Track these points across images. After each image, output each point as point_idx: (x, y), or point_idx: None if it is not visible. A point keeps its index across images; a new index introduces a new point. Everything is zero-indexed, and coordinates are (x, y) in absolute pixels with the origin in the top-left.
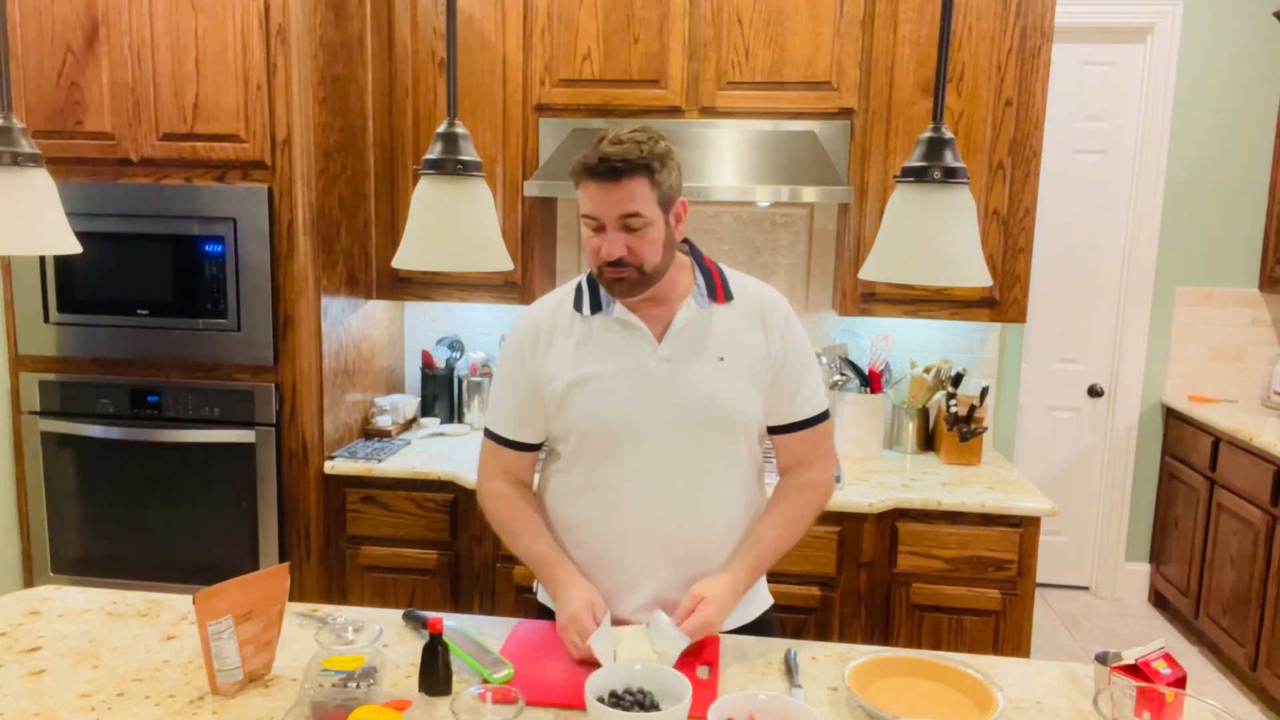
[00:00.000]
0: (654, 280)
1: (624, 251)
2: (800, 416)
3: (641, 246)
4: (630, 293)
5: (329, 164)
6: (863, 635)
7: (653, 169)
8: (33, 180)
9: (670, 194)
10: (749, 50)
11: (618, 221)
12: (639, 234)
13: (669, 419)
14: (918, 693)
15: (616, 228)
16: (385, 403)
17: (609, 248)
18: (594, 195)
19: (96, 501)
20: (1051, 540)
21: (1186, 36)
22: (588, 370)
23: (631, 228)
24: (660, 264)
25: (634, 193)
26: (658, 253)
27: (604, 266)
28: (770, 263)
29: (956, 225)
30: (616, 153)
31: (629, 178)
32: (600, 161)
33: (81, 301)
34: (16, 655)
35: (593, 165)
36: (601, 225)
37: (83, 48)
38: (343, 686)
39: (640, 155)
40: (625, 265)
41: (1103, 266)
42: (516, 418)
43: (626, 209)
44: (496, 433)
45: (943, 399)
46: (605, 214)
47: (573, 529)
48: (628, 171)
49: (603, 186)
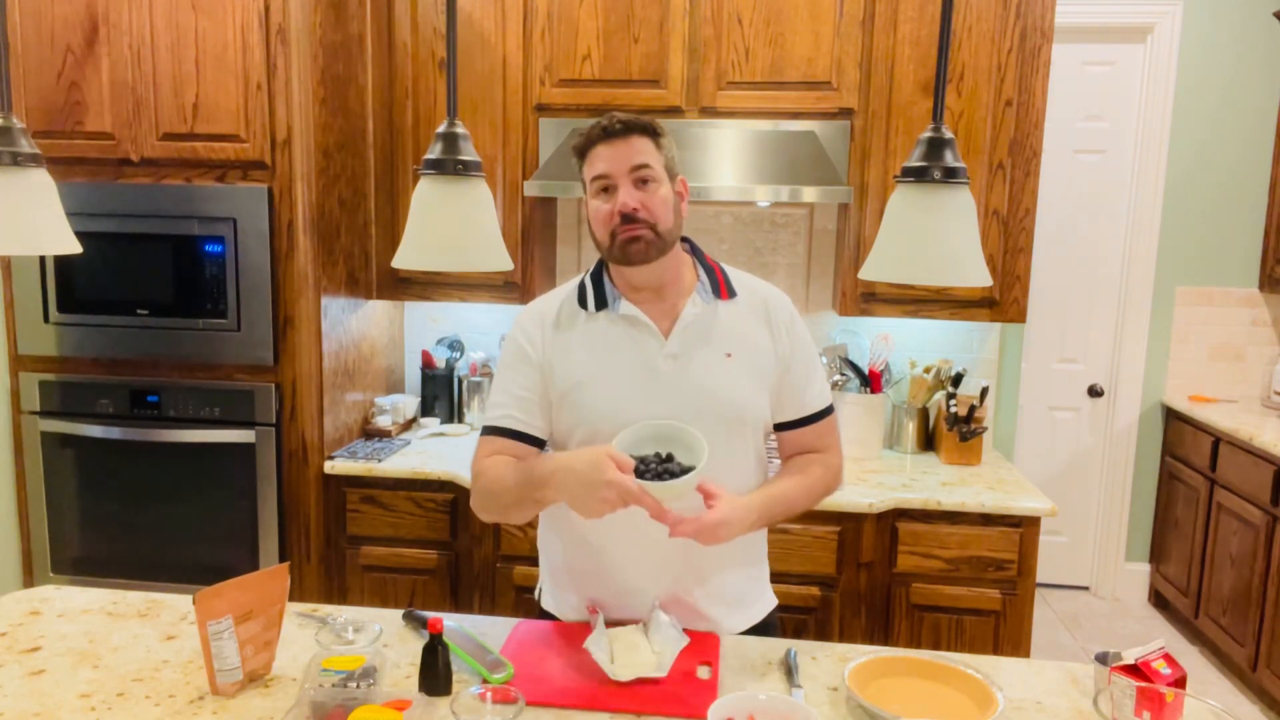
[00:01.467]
0: (667, 246)
1: (638, 204)
2: (809, 412)
3: (653, 203)
4: (645, 255)
5: (329, 164)
6: (863, 635)
7: (656, 131)
8: (33, 180)
9: (672, 164)
10: (749, 50)
11: (629, 176)
12: (650, 190)
13: (678, 417)
14: (918, 693)
15: (628, 182)
16: (385, 403)
17: (624, 197)
18: (604, 155)
19: (96, 501)
20: (1051, 540)
21: (1186, 36)
22: (594, 368)
23: (644, 180)
24: (672, 229)
25: (641, 147)
26: (669, 214)
27: (618, 228)
28: (770, 263)
29: (956, 225)
30: (623, 116)
31: (636, 135)
32: (611, 121)
33: (81, 301)
34: (16, 655)
35: (603, 125)
36: (612, 185)
37: (83, 48)
38: (343, 686)
39: (643, 119)
40: (640, 222)
41: (1103, 266)
42: (520, 405)
43: (635, 160)
44: (495, 424)
45: (943, 399)
46: (617, 168)
47: (580, 533)
48: (635, 129)
49: (612, 144)
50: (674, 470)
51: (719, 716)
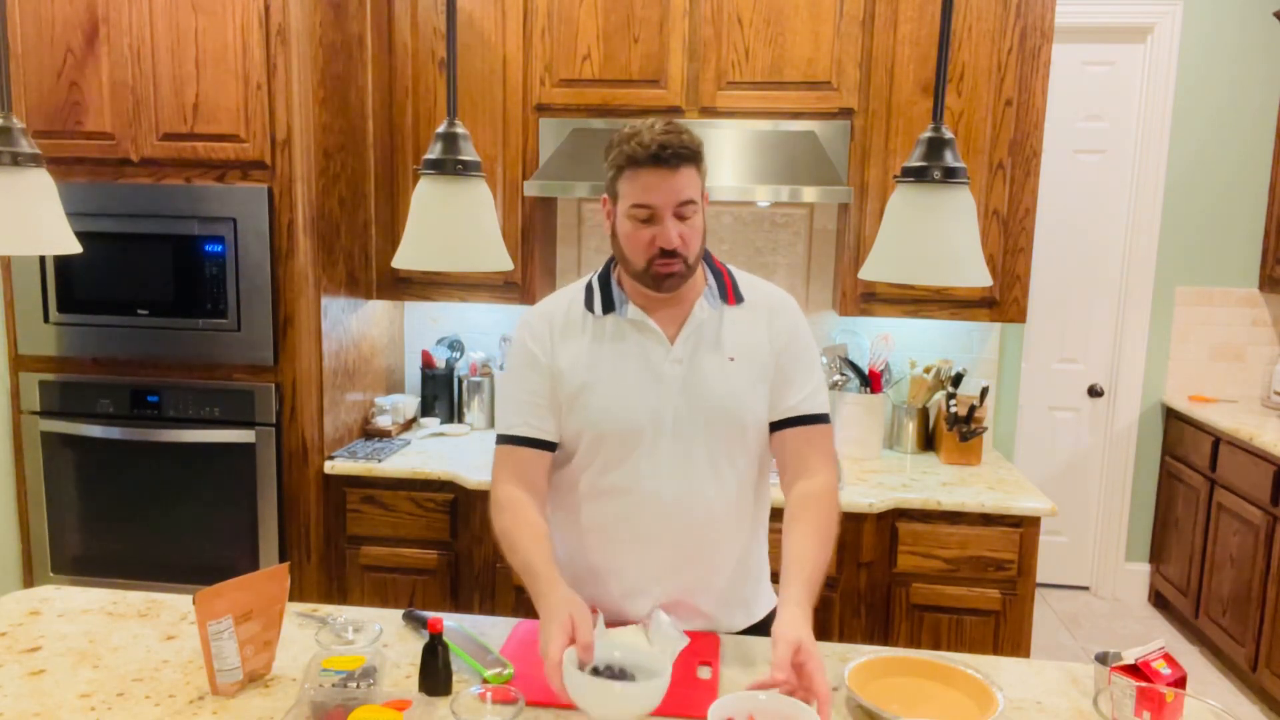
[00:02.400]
0: (693, 272)
1: (680, 241)
2: (799, 412)
3: (691, 235)
4: (677, 287)
5: (329, 164)
6: (863, 635)
7: (701, 156)
8: (33, 180)
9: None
10: (749, 50)
11: (674, 210)
12: (689, 222)
13: (682, 420)
14: (918, 693)
15: (673, 216)
16: (385, 403)
17: (669, 236)
18: (650, 184)
19: (96, 501)
20: (1051, 540)
21: (1186, 36)
22: (600, 371)
23: (684, 216)
24: (700, 252)
25: (689, 181)
26: (700, 241)
27: (656, 260)
28: (770, 263)
29: (956, 225)
30: (675, 141)
31: (687, 165)
32: (662, 149)
33: (81, 301)
34: (16, 655)
35: (655, 152)
36: (653, 215)
37: (83, 48)
38: (343, 686)
39: (694, 144)
40: (677, 257)
41: (1103, 266)
42: (532, 411)
43: (684, 196)
44: (509, 433)
45: (943, 399)
46: (663, 202)
47: (586, 533)
48: (686, 159)
49: (661, 174)
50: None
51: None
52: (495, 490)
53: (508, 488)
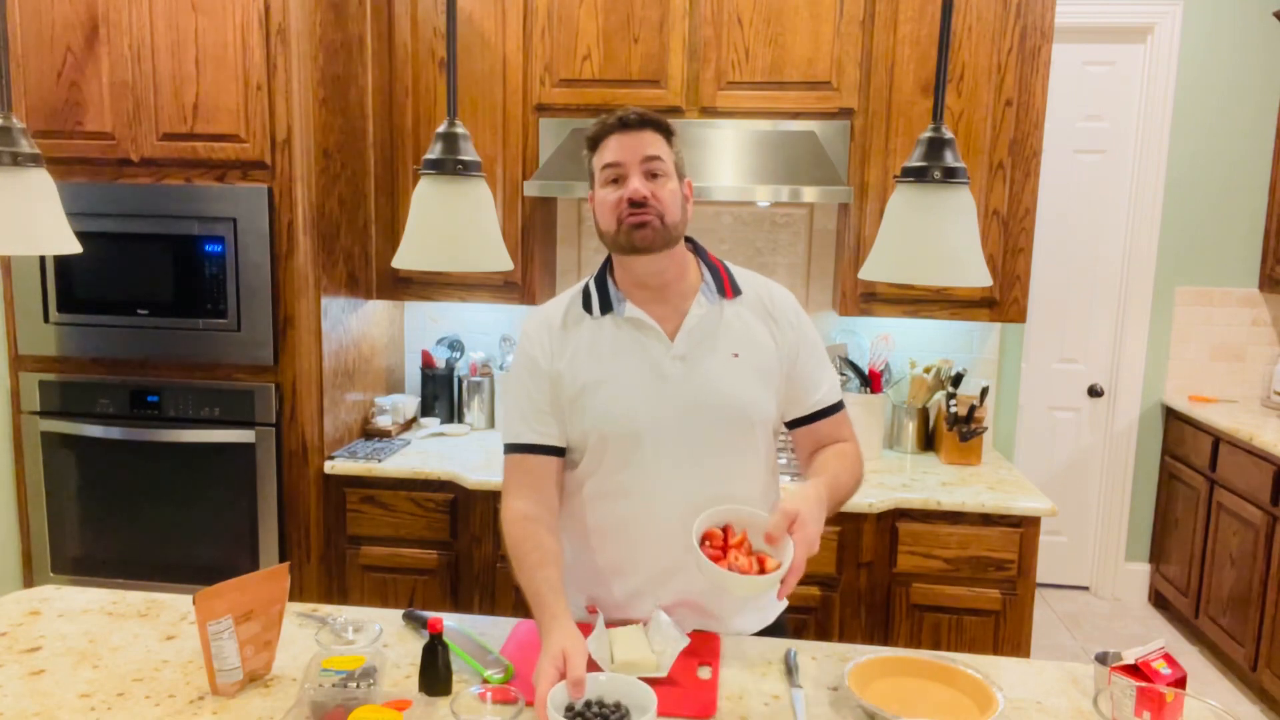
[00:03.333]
0: (672, 239)
1: (647, 192)
2: (822, 406)
3: (662, 194)
4: (651, 243)
5: (329, 164)
6: (863, 635)
7: (668, 129)
8: (33, 180)
9: (680, 165)
10: (749, 50)
11: (640, 165)
12: (658, 181)
13: (686, 418)
14: (918, 693)
15: (639, 171)
16: (385, 403)
17: (634, 184)
18: (616, 145)
19: (96, 501)
20: (1051, 540)
21: (1186, 36)
22: (601, 372)
23: (653, 173)
24: (678, 223)
25: (654, 141)
26: (677, 208)
27: (625, 214)
28: (770, 263)
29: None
30: (637, 110)
31: (650, 129)
32: (624, 115)
33: (81, 301)
34: (16, 655)
35: (620, 116)
36: (623, 174)
37: (83, 48)
38: (343, 686)
39: (658, 116)
40: (648, 208)
41: (1103, 266)
42: (536, 418)
43: (647, 151)
44: (517, 442)
45: (943, 399)
46: (629, 157)
47: (593, 534)
48: (641, 124)
49: (625, 135)
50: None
51: (699, 532)
52: (505, 504)
53: (519, 503)
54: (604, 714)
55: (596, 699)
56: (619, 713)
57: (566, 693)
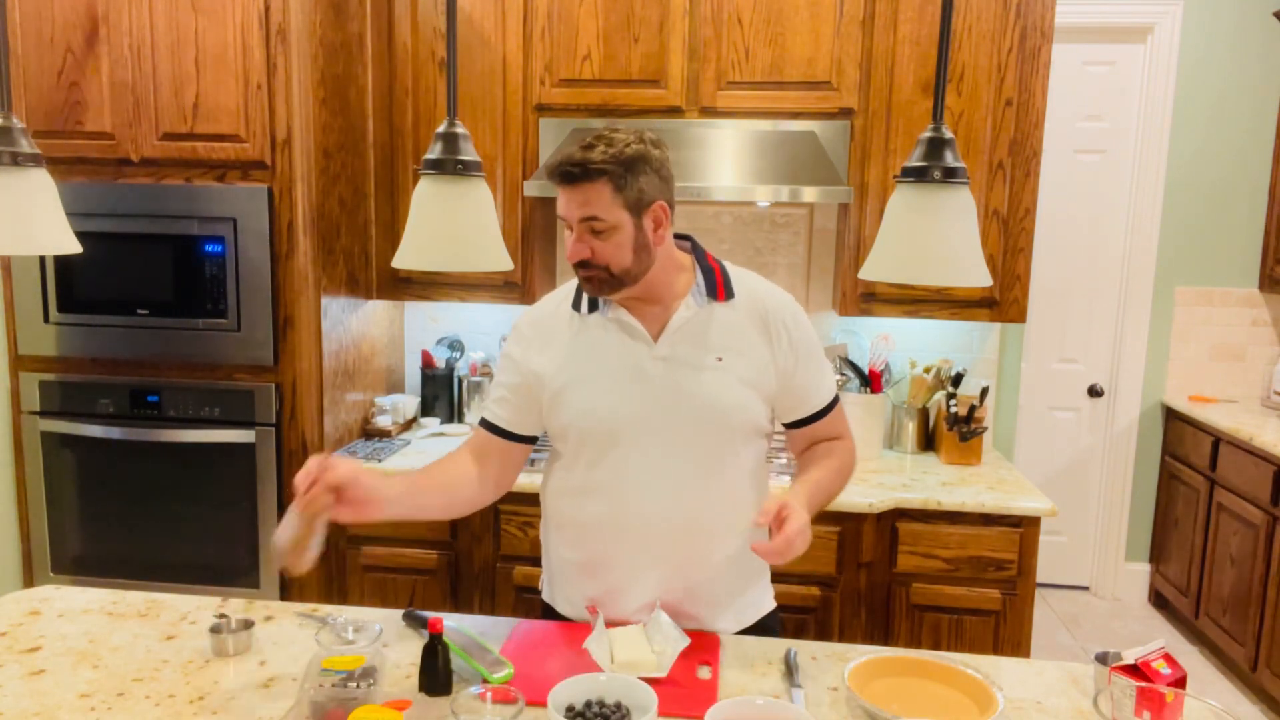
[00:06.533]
0: (628, 282)
1: (587, 253)
2: (817, 408)
3: (605, 249)
4: (600, 291)
5: (329, 164)
6: (863, 635)
7: (611, 174)
8: (33, 180)
9: (641, 198)
10: (749, 50)
11: (580, 224)
12: (602, 237)
13: (664, 419)
14: (918, 693)
15: (580, 229)
16: (385, 403)
17: (572, 248)
18: (562, 197)
19: (96, 501)
20: (1051, 540)
21: (1186, 36)
22: (583, 369)
23: (595, 230)
24: (632, 267)
25: (591, 197)
26: (626, 256)
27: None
28: (770, 263)
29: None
30: (579, 157)
31: (586, 182)
32: (560, 163)
33: (81, 301)
34: (16, 655)
35: (553, 165)
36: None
37: (83, 48)
38: (343, 686)
39: (603, 160)
40: (592, 266)
41: (1103, 266)
42: (502, 405)
43: (585, 212)
44: (484, 417)
45: (943, 399)
46: (570, 214)
47: (572, 528)
48: (584, 177)
49: (564, 189)
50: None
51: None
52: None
53: (456, 452)
54: (604, 714)
55: (597, 699)
56: (619, 713)
57: (567, 692)
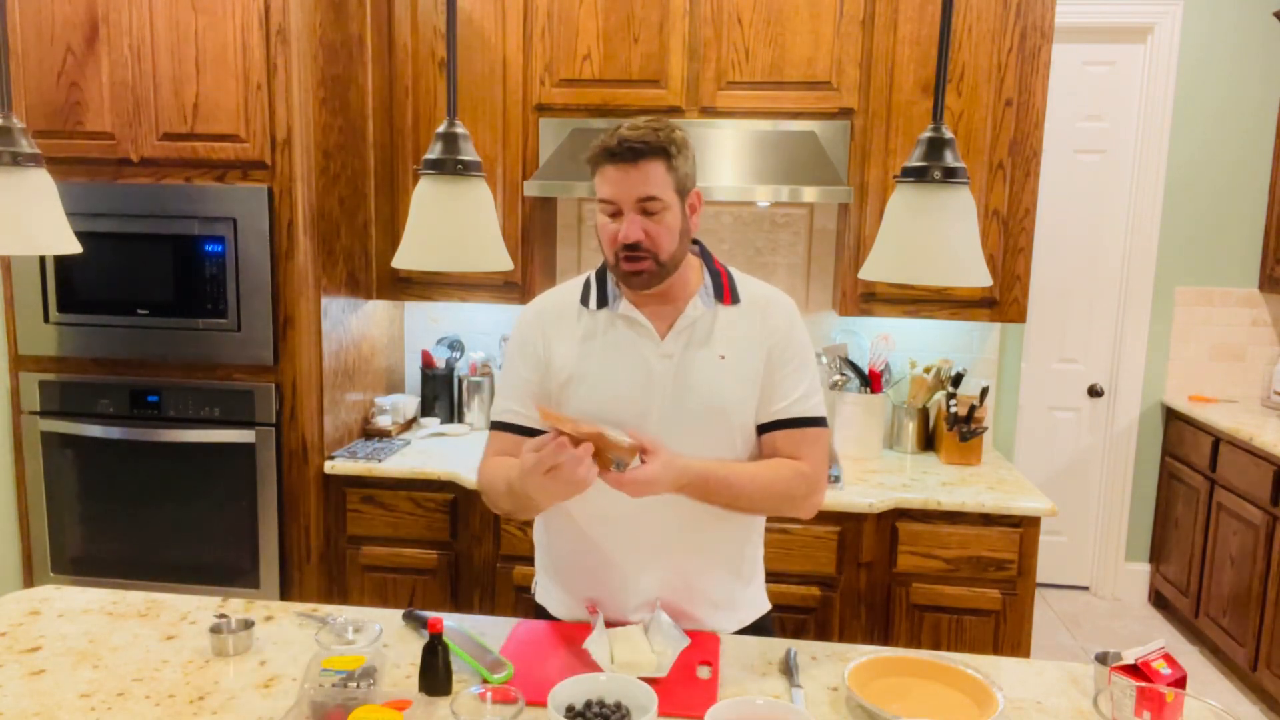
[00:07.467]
0: (669, 272)
1: (641, 235)
2: (788, 415)
3: (659, 232)
4: (647, 285)
5: (329, 164)
6: (863, 635)
7: (669, 153)
8: (33, 180)
9: (685, 181)
10: (749, 50)
11: (635, 205)
12: (656, 219)
13: (668, 416)
14: (918, 693)
15: (634, 211)
16: (385, 403)
17: (627, 229)
18: (611, 179)
19: (96, 501)
20: (1051, 540)
21: (1186, 36)
22: (590, 365)
23: (649, 211)
24: (676, 253)
25: (650, 175)
26: (674, 240)
27: (621, 257)
28: (770, 263)
29: (956, 225)
30: (634, 135)
31: (646, 160)
32: (619, 144)
33: (82, 301)
34: (16, 655)
35: (611, 147)
36: (618, 210)
37: (83, 48)
38: (343, 686)
39: (657, 139)
40: (643, 253)
41: (1103, 266)
42: (519, 400)
43: (644, 191)
44: (499, 419)
45: (943, 399)
46: (623, 197)
47: (580, 525)
48: (646, 154)
49: (620, 169)
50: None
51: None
52: (480, 465)
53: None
54: (604, 714)
55: (597, 699)
56: (619, 713)
57: (567, 692)
